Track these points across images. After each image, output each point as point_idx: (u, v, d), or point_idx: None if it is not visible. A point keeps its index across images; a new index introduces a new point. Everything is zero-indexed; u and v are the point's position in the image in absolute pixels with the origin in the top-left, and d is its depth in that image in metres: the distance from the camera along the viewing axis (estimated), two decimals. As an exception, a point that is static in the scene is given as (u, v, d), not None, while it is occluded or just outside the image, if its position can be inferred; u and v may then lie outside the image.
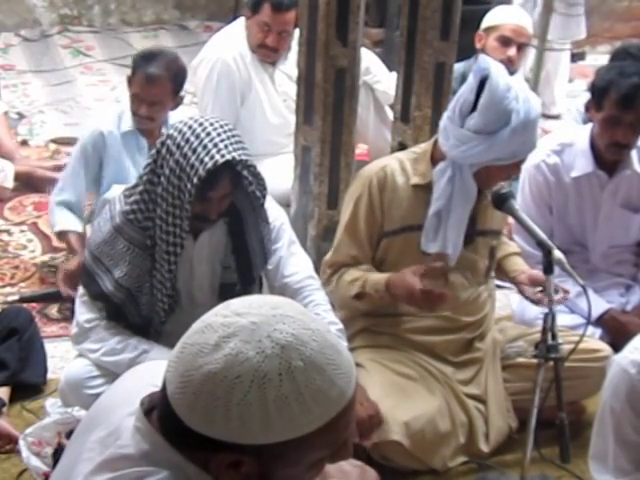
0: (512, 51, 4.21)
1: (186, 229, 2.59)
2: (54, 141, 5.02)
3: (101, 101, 5.56)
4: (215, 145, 2.50)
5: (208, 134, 2.52)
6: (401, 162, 2.91)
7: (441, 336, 2.97)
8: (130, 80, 3.66)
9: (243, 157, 2.55)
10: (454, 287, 2.87)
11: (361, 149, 4.42)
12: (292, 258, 2.84)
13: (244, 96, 4.17)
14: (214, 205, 2.63)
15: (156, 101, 3.60)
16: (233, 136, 2.55)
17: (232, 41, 4.21)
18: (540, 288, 2.83)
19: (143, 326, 2.75)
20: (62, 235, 3.78)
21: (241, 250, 2.78)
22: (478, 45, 4.29)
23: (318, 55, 3.27)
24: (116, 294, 2.69)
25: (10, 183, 4.35)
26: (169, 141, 2.56)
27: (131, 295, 2.70)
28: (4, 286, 3.74)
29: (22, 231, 4.18)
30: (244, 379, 1.27)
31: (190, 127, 2.54)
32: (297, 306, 1.37)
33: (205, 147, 2.50)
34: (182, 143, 2.52)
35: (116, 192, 2.81)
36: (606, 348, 3.00)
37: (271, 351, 1.28)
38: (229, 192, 2.63)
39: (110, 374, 2.67)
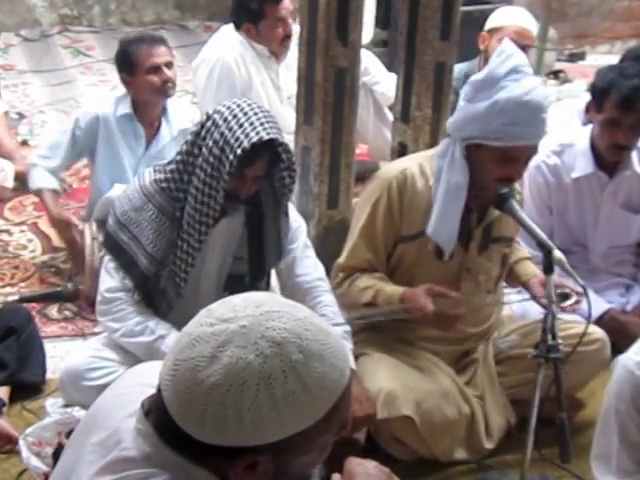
0: (516, 53, 4.20)
1: (221, 201, 2.62)
2: (54, 141, 5.02)
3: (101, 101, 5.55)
4: (261, 124, 2.56)
5: (255, 113, 2.58)
6: (420, 165, 2.86)
7: (445, 346, 2.96)
8: (129, 67, 3.69)
9: (284, 141, 2.63)
10: (465, 294, 2.83)
11: (361, 149, 4.42)
12: (305, 260, 2.88)
13: (245, 96, 4.15)
14: (247, 184, 2.66)
15: (170, 60, 3.72)
16: (275, 123, 2.62)
17: (232, 41, 4.23)
18: None
19: (158, 299, 2.76)
20: (38, 193, 3.84)
21: (256, 242, 2.81)
22: (481, 46, 4.28)
23: (318, 55, 3.27)
24: (148, 267, 2.70)
25: (10, 183, 4.35)
26: (216, 115, 2.61)
27: (160, 265, 2.71)
28: (4, 286, 3.73)
29: (22, 231, 4.18)
30: (250, 384, 1.27)
31: (238, 105, 2.61)
32: (279, 298, 1.38)
33: (252, 123, 2.56)
34: (229, 117, 2.58)
35: (118, 191, 2.81)
36: (598, 330, 2.97)
37: (270, 351, 1.28)
38: (263, 174, 2.67)
39: (111, 367, 2.74)
